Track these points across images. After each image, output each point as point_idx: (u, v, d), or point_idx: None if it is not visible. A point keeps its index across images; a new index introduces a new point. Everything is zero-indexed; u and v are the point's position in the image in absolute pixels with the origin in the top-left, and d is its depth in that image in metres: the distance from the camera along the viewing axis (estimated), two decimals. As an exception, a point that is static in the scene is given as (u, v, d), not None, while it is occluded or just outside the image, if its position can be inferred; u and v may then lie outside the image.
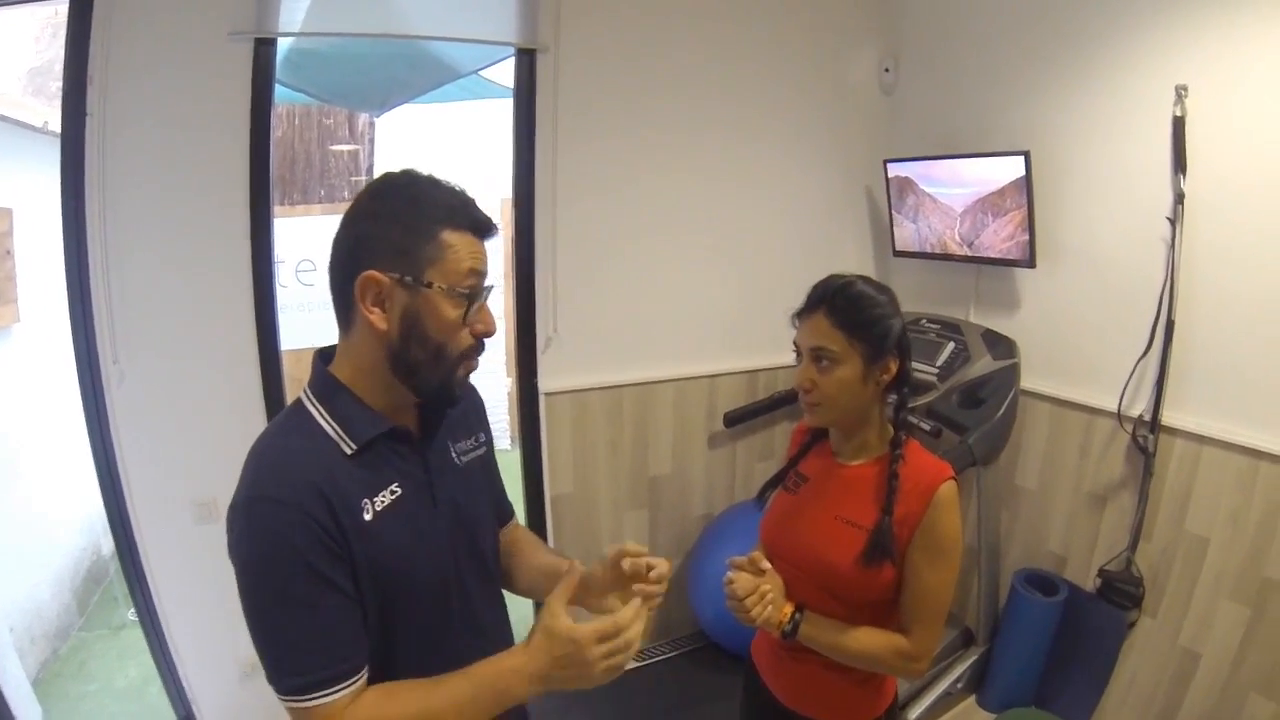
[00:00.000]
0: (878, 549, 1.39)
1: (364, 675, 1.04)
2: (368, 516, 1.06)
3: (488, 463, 1.37)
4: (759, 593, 1.41)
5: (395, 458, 1.14)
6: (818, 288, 1.48)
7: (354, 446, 1.08)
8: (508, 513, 1.51)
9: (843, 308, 1.43)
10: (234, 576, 1.01)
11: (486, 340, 1.14)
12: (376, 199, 1.10)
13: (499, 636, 1.31)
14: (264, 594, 1.00)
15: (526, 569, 1.42)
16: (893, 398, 1.52)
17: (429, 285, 1.06)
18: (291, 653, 1.00)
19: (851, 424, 1.51)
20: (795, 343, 1.50)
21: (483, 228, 1.11)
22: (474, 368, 1.16)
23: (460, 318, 1.08)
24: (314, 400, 1.12)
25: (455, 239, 1.07)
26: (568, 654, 1.04)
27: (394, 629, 1.11)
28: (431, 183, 1.11)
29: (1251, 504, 2.31)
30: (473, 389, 1.35)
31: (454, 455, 1.26)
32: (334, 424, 1.09)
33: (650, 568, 1.22)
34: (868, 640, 1.43)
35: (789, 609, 1.45)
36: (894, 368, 1.46)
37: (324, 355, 1.18)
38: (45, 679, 3.65)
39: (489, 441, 1.39)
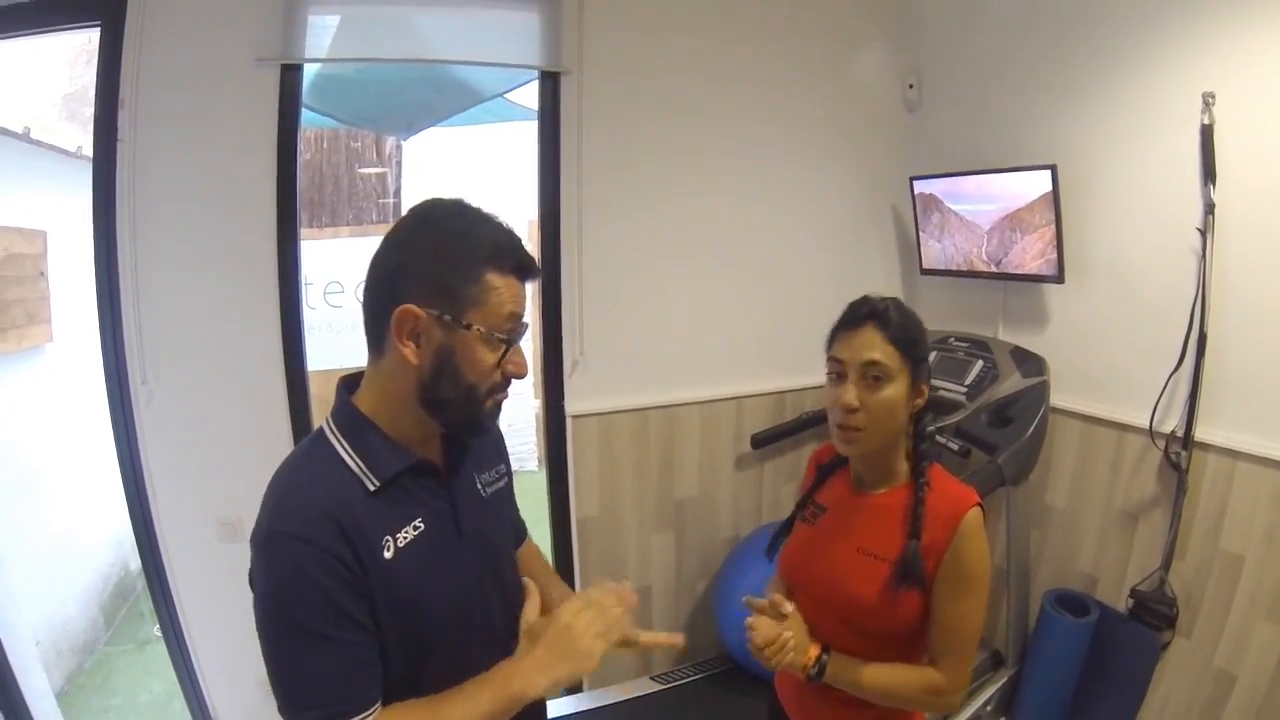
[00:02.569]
0: (908, 573, 1.33)
1: (376, 708, 1.03)
2: (388, 554, 1.05)
3: (506, 492, 1.38)
4: (780, 642, 1.37)
5: (419, 490, 1.13)
6: (864, 302, 1.43)
7: (377, 483, 1.07)
8: (522, 534, 1.52)
9: (897, 322, 1.40)
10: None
11: (520, 378, 1.14)
12: (422, 228, 1.09)
13: (512, 648, 1.28)
14: (282, 626, 1.00)
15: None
16: (915, 422, 1.46)
17: (468, 327, 1.05)
18: (306, 686, 1.00)
19: (883, 451, 1.43)
20: (836, 359, 1.41)
21: (526, 270, 1.11)
22: (503, 400, 1.16)
23: (496, 361, 1.09)
24: (337, 433, 1.11)
25: (499, 282, 1.07)
26: (553, 633, 1.10)
27: (418, 659, 1.11)
28: (480, 218, 1.10)
29: (1288, 521, 2.26)
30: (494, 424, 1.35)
31: (479, 487, 1.27)
32: (357, 458, 1.08)
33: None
34: (897, 678, 1.39)
35: (814, 651, 1.40)
36: (926, 391, 1.42)
37: (348, 384, 1.17)
38: (70, 692, 3.69)
39: (509, 473, 1.39)
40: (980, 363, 2.97)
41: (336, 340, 5.18)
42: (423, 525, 1.12)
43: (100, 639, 4.18)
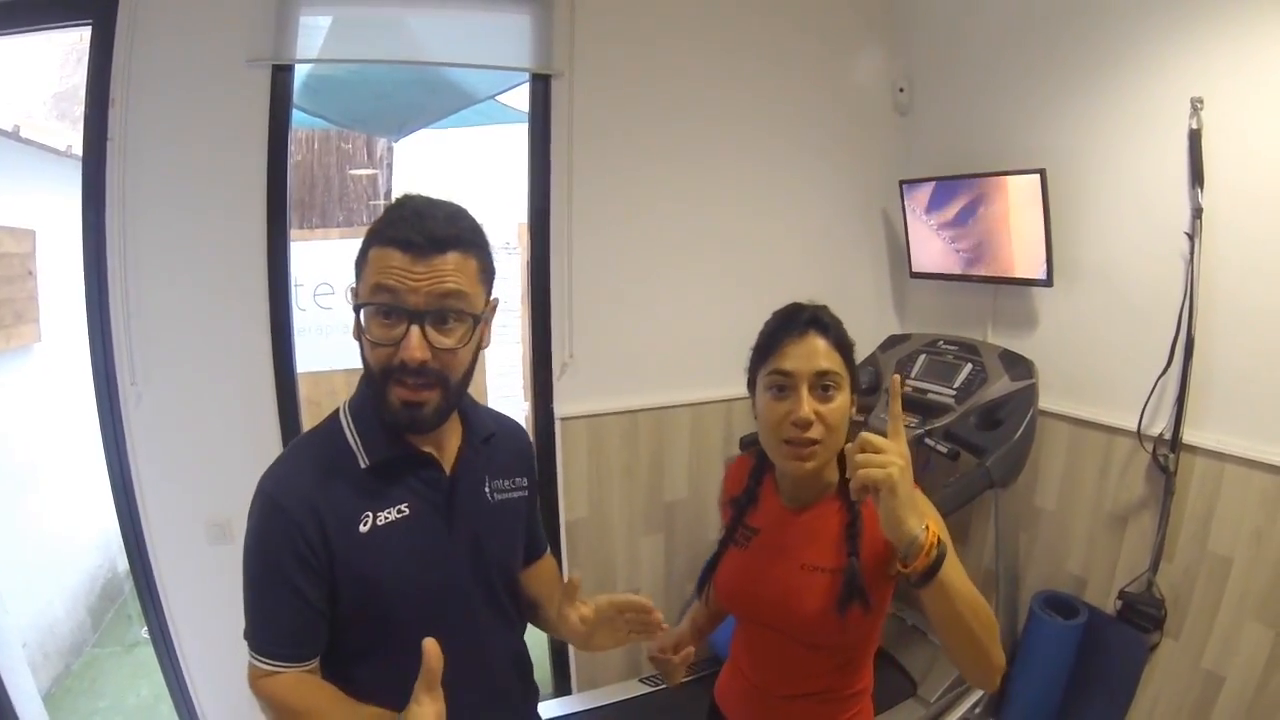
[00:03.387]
0: (848, 595, 1.26)
1: (309, 665, 1.15)
2: (364, 528, 1.13)
3: (523, 505, 1.38)
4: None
5: (414, 480, 1.19)
6: (800, 310, 1.37)
7: (368, 462, 1.16)
8: (541, 548, 1.53)
9: (835, 328, 1.34)
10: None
11: (411, 364, 1.08)
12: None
13: (505, 659, 1.35)
14: (248, 568, 1.14)
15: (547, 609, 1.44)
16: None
17: (355, 298, 1.13)
18: (254, 619, 1.14)
19: (827, 465, 1.36)
20: (782, 371, 1.31)
21: (403, 242, 1.07)
22: (409, 399, 1.11)
23: (360, 331, 1.12)
24: (347, 414, 1.21)
25: (375, 254, 1.09)
26: None
27: (380, 637, 1.17)
28: (399, 203, 1.13)
29: (1276, 523, 2.27)
30: (523, 436, 1.45)
31: (487, 492, 1.29)
32: (356, 437, 1.18)
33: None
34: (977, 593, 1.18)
35: (932, 527, 1.11)
36: (854, 399, 1.35)
37: None
38: (57, 694, 3.66)
39: (531, 487, 1.41)
40: (969, 366, 2.98)
41: (326, 342, 5.17)
42: (408, 511, 1.17)
43: (88, 641, 4.15)
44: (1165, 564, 2.57)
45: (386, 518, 1.15)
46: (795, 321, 1.34)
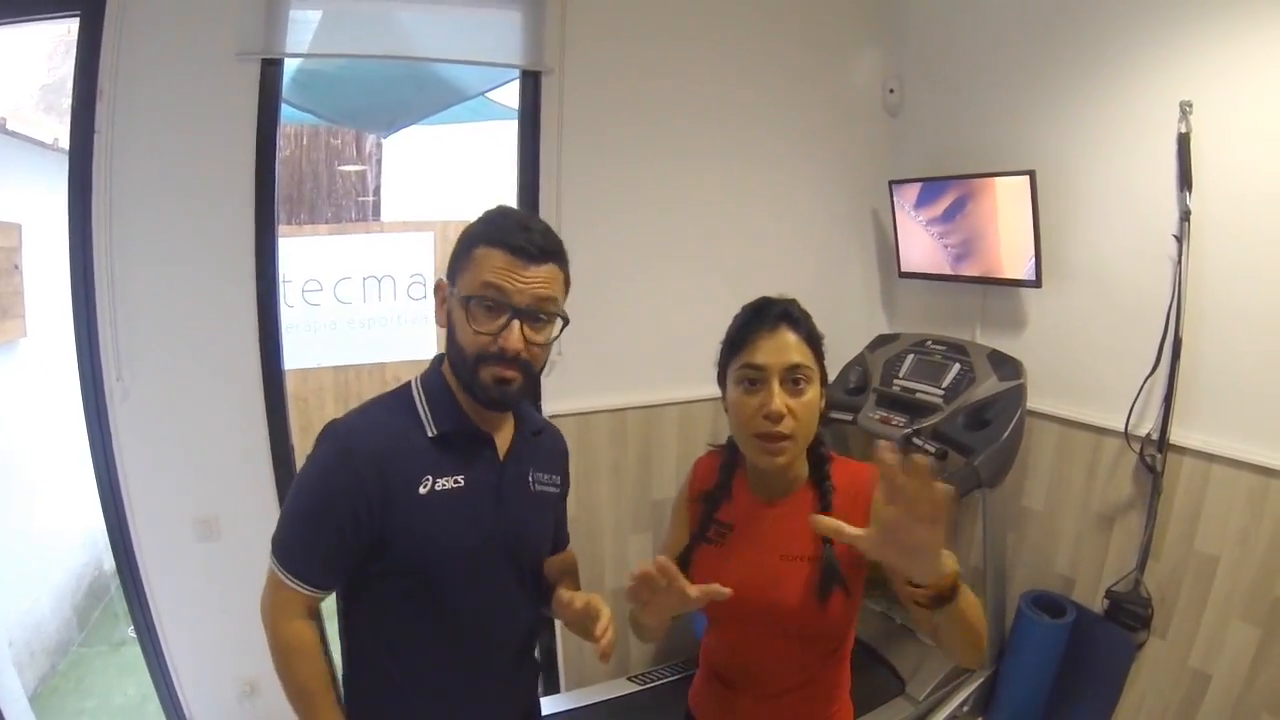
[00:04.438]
0: (827, 581, 1.30)
1: (322, 595, 1.29)
2: (423, 490, 1.26)
3: (556, 500, 1.54)
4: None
5: (472, 456, 1.33)
6: (770, 304, 1.37)
7: (435, 431, 1.30)
8: (563, 542, 1.65)
9: (804, 321, 1.35)
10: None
11: (509, 352, 1.23)
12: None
13: (525, 632, 1.49)
14: (297, 497, 1.29)
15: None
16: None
17: (454, 290, 1.26)
18: (290, 539, 1.28)
19: (796, 460, 1.38)
20: (753, 365, 1.31)
21: (514, 248, 1.23)
22: (501, 377, 1.25)
23: (468, 322, 1.23)
24: (419, 387, 1.35)
25: (482, 253, 1.24)
26: None
27: (422, 590, 1.29)
28: (501, 210, 1.30)
29: (1262, 522, 2.29)
30: (562, 440, 1.60)
31: (530, 480, 1.43)
32: (426, 407, 1.32)
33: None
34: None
35: (952, 564, 1.11)
36: (824, 392, 1.37)
37: (440, 356, 1.38)
38: (43, 694, 3.64)
39: (564, 486, 1.57)
40: (957, 366, 2.99)
41: (314, 339, 5.15)
42: (463, 481, 1.31)
43: (74, 640, 4.12)
44: (1152, 563, 2.58)
45: (444, 485, 1.28)
46: (766, 315, 1.35)
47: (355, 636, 1.36)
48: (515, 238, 1.23)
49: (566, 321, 1.34)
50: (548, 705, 2.94)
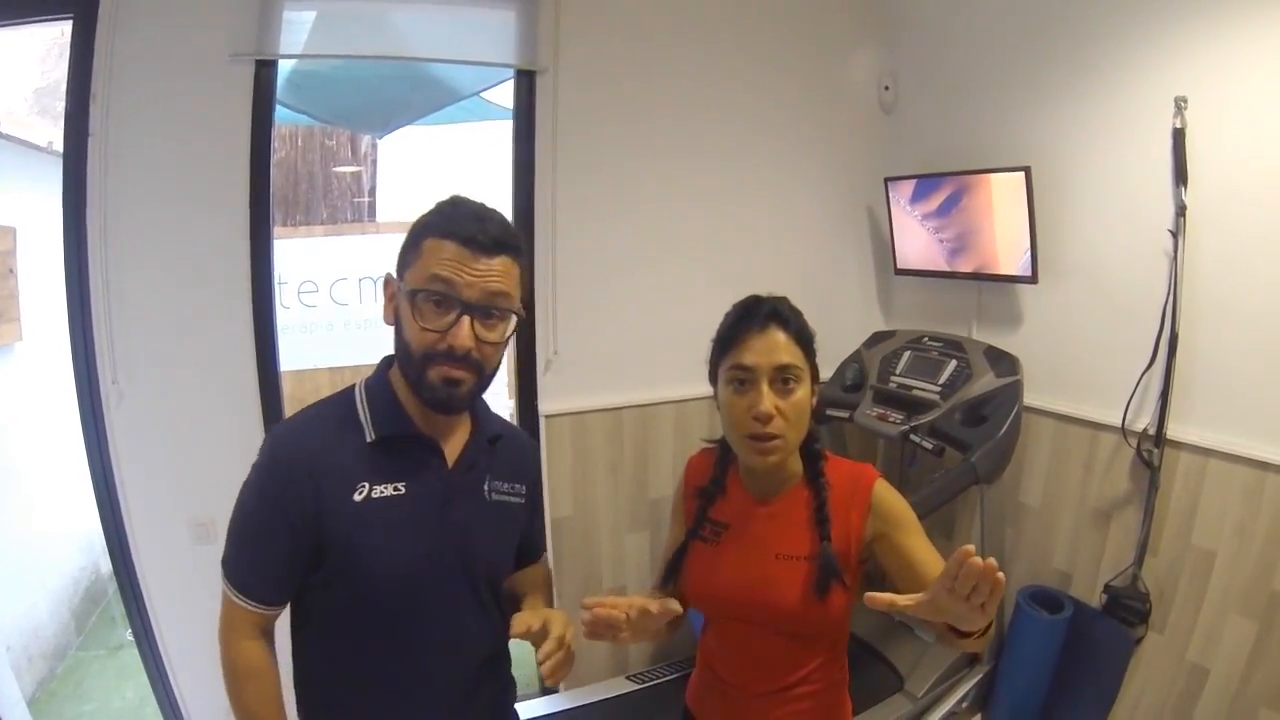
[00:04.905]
0: (826, 577, 1.30)
1: (272, 611, 1.25)
2: (358, 497, 1.19)
3: (520, 511, 1.42)
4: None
5: (414, 464, 1.25)
6: (759, 303, 1.36)
7: (374, 435, 1.23)
8: (535, 551, 1.55)
9: (794, 320, 1.34)
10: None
11: (458, 351, 1.16)
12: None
13: (481, 659, 1.36)
14: (239, 507, 1.23)
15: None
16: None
17: (403, 284, 1.19)
18: (231, 550, 1.24)
19: (789, 458, 1.37)
20: (742, 365, 1.31)
21: (465, 239, 1.15)
22: (450, 377, 1.18)
23: (415, 318, 1.16)
24: (363, 387, 1.29)
25: (431, 245, 1.16)
26: None
27: (359, 606, 1.22)
28: (453, 201, 1.21)
29: (1259, 516, 2.29)
30: (530, 447, 1.52)
31: (485, 489, 1.34)
32: (367, 411, 1.25)
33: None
34: None
35: None
36: (815, 389, 1.37)
37: (389, 360, 1.30)
38: (41, 698, 3.63)
39: (531, 495, 1.46)
40: (954, 362, 2.99)
41: (310, 340, 5.14)
42: (403, 489, 1.23)
43: (71, 644, 4.11)
44: (1150, 558, 2.58)
45: (381, 492, 1.21)
46: (755, 315, 1.34)
47: (303, 654, 1.30)
48: (467, 228, 1.15)
49: (522, 319, 1.25)
50: (545, 705, 2.94)
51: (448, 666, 1.30)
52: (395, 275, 1.22)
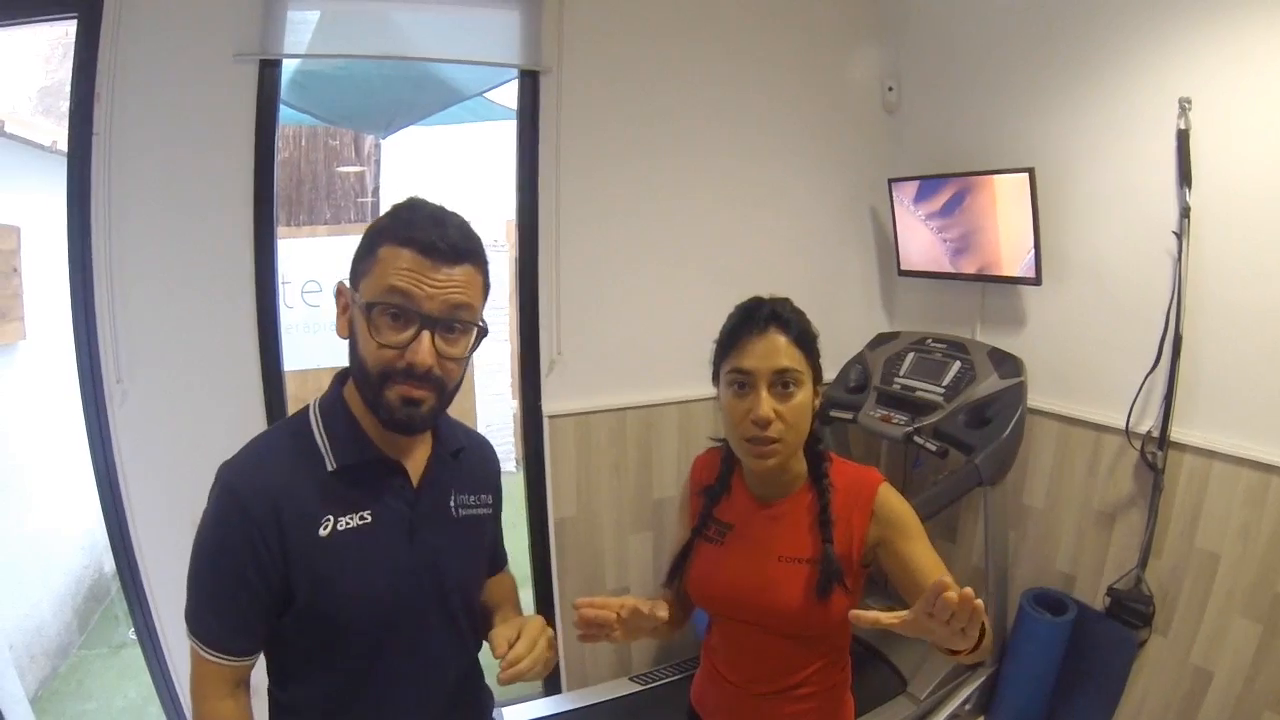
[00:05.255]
0: (828, 579, 1.29)
1: (247, 661, 1.15)
2: (323, 532, 1.11)
3: (487, 523, 1.37)
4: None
5: (380, 487, 1.17)
6: (759, 305, 1.35)
7: (335, 465, 1.14)
8: (500, 564, 1.50)
9: (795, 322, 1.33)
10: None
11: (418, 369, 1.08)
12: (376, 219, 1.14)
13: (455, 672, 1.31)
14: (198, 558, 1.13)
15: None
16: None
17: (357, 295, 1.10)
18: (198, 606, 1.13)
19: (792, 458, 1.38)
20: (741, 369, 1.31)
21: (422, 245, 1.06)
22: (410, 397, 1.09)
23: (370, 333, 1.07)
24: (317, 413, 1.18)
25: (387, 253, 1.07)
26: None
27: (333, 642, 1.16)
28: (410, 205, 1.12)
29: (1263, 519, 2.29)
30: (492, 454, 1.43)
31: (452, 505, 1.27)
32: (325, 439, 1.16)
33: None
34: None
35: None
36: (820, 391, 1.37)
37: (343, 374, 1.21)
38: (44, 697, 3.63)
39: (496, 505, 1.40)
40: (958, 364, 2.99)
41: (313, 340, 5.16)
42: (370, 518, 1.15)
43: (74, 643, 4.11)
44: (1153, 560, 2.58)
45: (348, 523, 1.13)
46: (755, 317, 1.33)
47: (276, 695, 1.23)
48: (425, 234, 1.06)
49: (485, 332, 1.15)
50: (549, 706, 2.94)
51: (426, 693, 1.25)
52: (349, 284, 1.13)
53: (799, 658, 1.38)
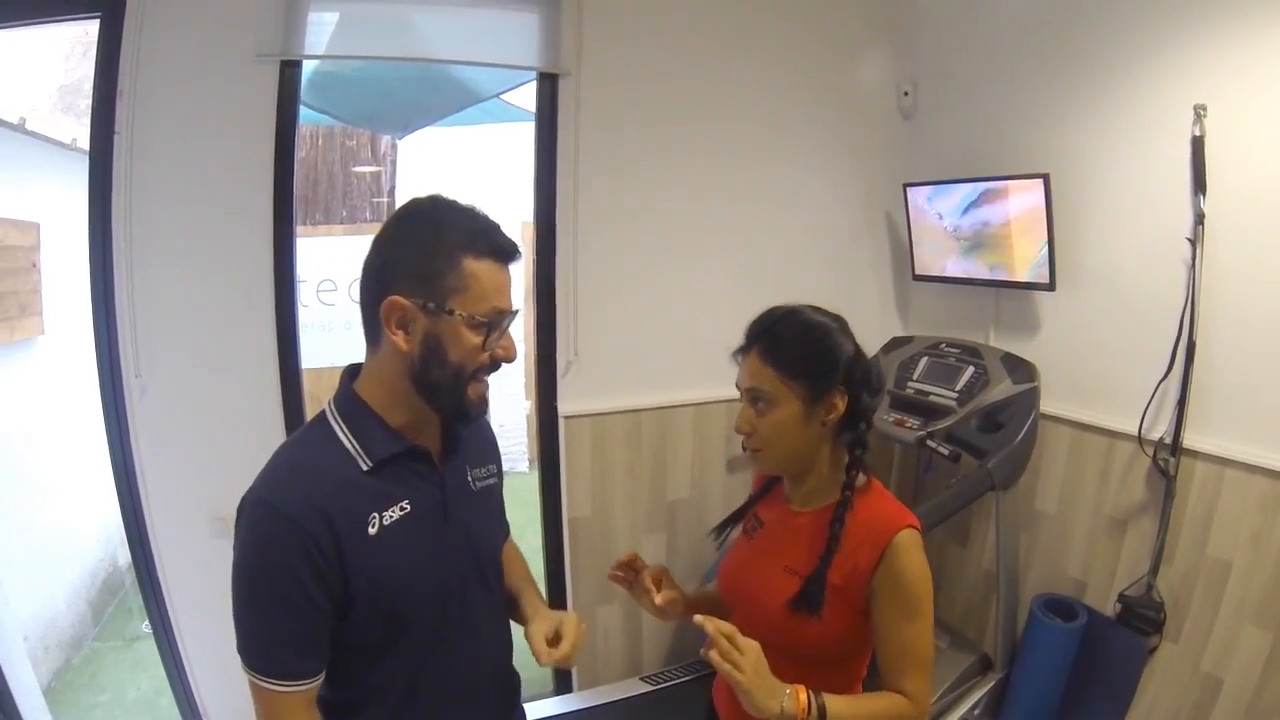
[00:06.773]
0: (805, 598, 1.31)
1: (316, 681, 1.14)
2: (373, 530, 1.14)
3: (498, 491, 1.44)
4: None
5: (411, 476, 1.21)
6: (755, 323, 1.40)
7: (370, 464, 1.16)
8: (506, 530, 1.56)
9: (774, 346, 1.34)
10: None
11: (510, 361, 1.20)
12: (402, 224, 1.17)
13: (496, 643, 1.39)
14: (251, 589, 1.11)
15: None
16: (846, 436, 1.40)
17: (450, 313, 1.12)
18: (261, 641, 1.11)
19: (799, 470, 1.41)
20: (736, 382, 1.40)
21: (505, 253, 1.15)
22: (484, 390, 1.20)
23: (480, 344, 1.14)
24: (337, 416, 1.19)
25: (477, 268, 1.12)
26: None
27: (395, 633, 1.19)
28: (454, 208, 1.16)
29: (1275, 527, 2.28)
30: (488, 423, 1.45)
31: (470, 479, 1.33)
32: (353, 440, 1.17)
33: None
34: (878, 707, 1.29)
35: (802, 695, 1.22)
36: (841, 405, 1.34)
37: (351, 372, 1.25)
38: (58, 688, 3.67)
39: (499, 473, 1.46)
40: (971, 368, 2.99)
41: (329, 339, 5.19)
42: (409, 507, 1.19)
43: (88, 635, 4.15)
44: (1165, 567, 2.57)
45: (391, 517, 1.16)
46: (749, 333, 1.40)
47: (333, 705, 1.22)
48: (495, 239, 1.14)
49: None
50: (560, 705, 2.96)
51: (471, 663, 1.31)
52: (414, 299, 1.11)
53: (790, 674, 1.28)
